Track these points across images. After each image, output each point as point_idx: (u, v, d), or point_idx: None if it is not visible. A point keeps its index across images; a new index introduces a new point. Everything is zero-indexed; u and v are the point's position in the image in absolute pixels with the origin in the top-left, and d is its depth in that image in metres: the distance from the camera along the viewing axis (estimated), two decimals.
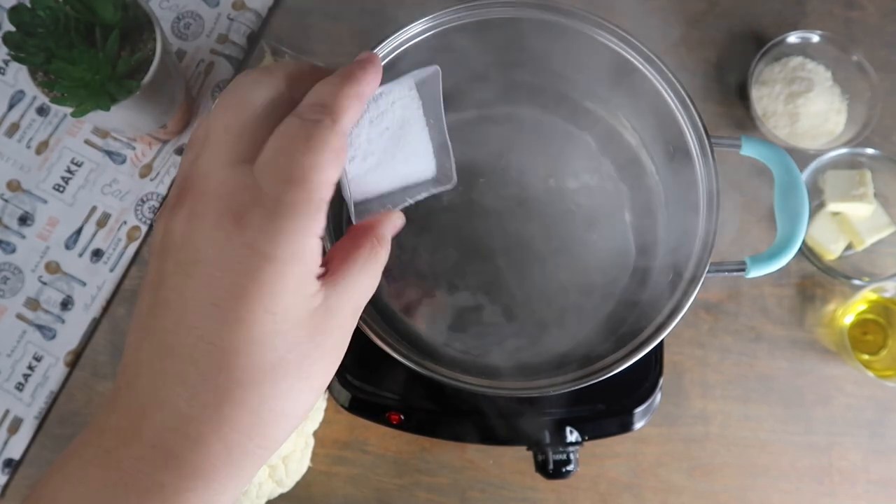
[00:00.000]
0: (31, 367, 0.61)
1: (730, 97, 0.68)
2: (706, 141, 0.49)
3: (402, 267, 0.55)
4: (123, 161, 0.65)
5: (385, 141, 0.30)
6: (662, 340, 0.46)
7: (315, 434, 0.57)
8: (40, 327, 0.62)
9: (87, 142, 0.65)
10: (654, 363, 0.55)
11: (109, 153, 0.65)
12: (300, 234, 0.25)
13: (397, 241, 0.29)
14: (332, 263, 0.28)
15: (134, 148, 0.65)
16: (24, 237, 0.63)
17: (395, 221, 0.32)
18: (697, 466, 0.62)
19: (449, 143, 0.32)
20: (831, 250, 0.64)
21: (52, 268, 0.63)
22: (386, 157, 0.31)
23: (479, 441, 0.55)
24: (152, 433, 0.25)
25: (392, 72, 0.51)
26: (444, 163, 0.32)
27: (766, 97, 0.66)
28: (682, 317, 0.46)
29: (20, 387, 0.61)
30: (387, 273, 0.57)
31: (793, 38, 0.66)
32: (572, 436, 0.52)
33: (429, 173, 0.33)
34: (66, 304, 0.62)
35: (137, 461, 0.25)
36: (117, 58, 0.53)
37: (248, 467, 0.26)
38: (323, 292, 0.27)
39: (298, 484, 0.57)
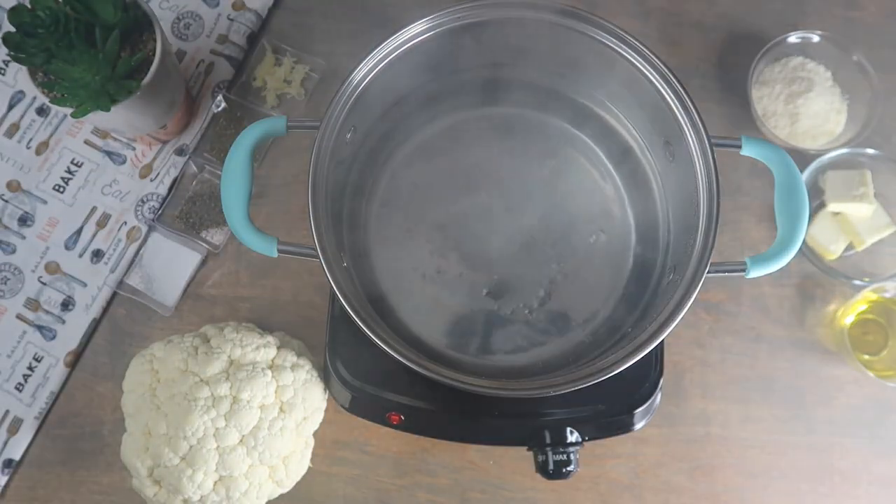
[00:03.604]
0: (31, 368, 0.61)
1: (730, 97, 0.68)
2: (706, 141, 0.49)
3: (406, 264, 0.55)
4: (123, 161, 0.65)
5: None
6: (662, 340, 0.46)
7: (315, 434, 0.57)
8: (40, 328, 0.62)
9: (87, 142, 0.65)
10: (654, 363, 0.55)
11: (109, 153, 0.65)
12: None
13: (399, 238, 0.29)
14: None
15: (134, 148, 0.65)
16: (24, 238, 0.63)
17: None
18: (698, 467, 0.62)
19: None
20: (831, 250, 0.64)
21: (52, 268, 0.63)
22: None
23: (479, 441, 0.55)
24: None
25: (393, 72, 0.51)
26: None
27: (766, 97, 0.66)
28: (682, 317, 0.46)
29: (20, 387, 0.61)
30: (390, 272, 0.57)
31: (793, 38, 0.66)
32: (572, 436, 0.52)
33: None
34: (66, 304, 0.62)
35: None
36: (117, 58, 0.53)
37: None
38: None
39: (298, 484, 0.57)
